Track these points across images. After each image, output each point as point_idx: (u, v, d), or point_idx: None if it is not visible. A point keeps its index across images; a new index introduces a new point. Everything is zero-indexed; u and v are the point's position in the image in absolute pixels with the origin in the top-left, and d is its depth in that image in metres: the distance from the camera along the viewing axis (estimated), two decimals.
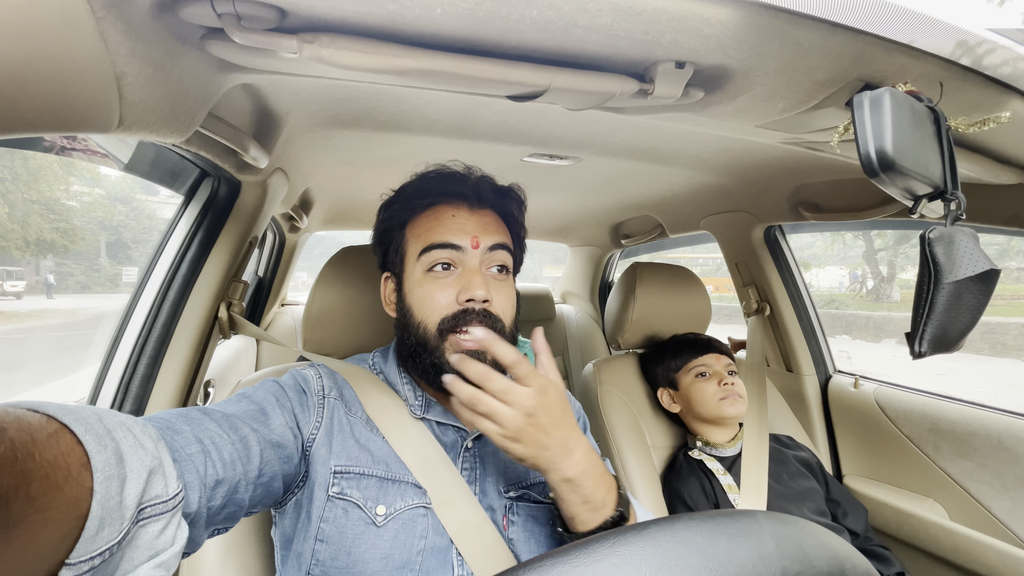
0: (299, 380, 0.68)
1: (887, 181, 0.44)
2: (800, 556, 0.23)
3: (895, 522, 1.25)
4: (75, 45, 0.33)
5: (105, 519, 0.32)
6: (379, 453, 0.64)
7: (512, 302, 0.70)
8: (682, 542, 0.21)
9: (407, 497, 0.62)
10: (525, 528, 0.67)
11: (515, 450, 0.55)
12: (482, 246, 0.67)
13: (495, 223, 0.71)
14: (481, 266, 0.67)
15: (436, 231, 0.68)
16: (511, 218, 0.75)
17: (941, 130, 0.49)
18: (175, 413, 0.50)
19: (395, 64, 0.45)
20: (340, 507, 0.60)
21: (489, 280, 0.67)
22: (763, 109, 0.61)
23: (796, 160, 1.08)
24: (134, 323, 0.89)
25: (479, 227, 0.68)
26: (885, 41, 0.47)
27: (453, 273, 0.67)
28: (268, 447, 0.56)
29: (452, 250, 0.66)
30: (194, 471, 0.45)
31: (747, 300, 1.56)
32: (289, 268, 2.09)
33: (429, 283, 0.67)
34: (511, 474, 0.70)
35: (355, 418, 0.67)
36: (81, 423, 0.33)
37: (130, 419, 0.39)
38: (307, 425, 0.64)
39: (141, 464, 0.36)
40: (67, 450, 0.31)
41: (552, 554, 0.21)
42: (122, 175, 0.90)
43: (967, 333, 0.50)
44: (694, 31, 0.44)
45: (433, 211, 0.70)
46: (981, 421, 1.16)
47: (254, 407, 0.59)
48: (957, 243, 0.46)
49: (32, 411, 0.31)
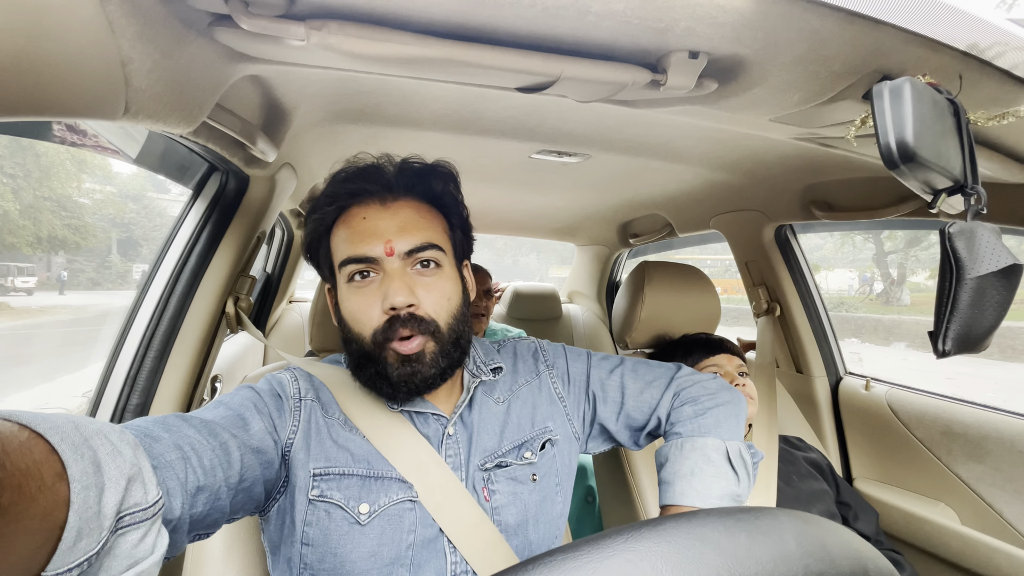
0: (275, 385, 0.67)
1: (907, 173, 0.43)
2: (823, 555, 0.22)
3: (905, 526, 1.23)
4: (81, 28, 0.32)
5: (83, 529, 0.31)
6: (359, 452, 0.63)
7: (447, 295, 0.66)
8: (699, 539, 0.20)
9: (391, 493, 0.61)
10: (509, 491, 0.67)
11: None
12: (397, 251, 0.63)
13: (415, 216, 0.66)
14: (404, 267, 0.64)
15: (349, 240, 0.65)
16: (443, 198, 0.70)
17: (961, 123, 0.48)
18: (153, 420, 0.49)
19: (404, 52, 0.44)
20: (322, 509, 0.60)
21: (414, 280, 0.64)
22: (778, 101, 0.59)
23: (808, 158, 1.06)
24: (141, 317, 0.89)
25: (394, 227, 0.64)
26: (904, 32, 0.46)
27: (375, 280, 0.64)
28: (248, 453, 0.56)
29: (367, 262, 0.63)
30: (175, 477, 0.44)
31: (757, 300, 1.54)
32: (297, 265, 2.10)
33: (354, 295, 0.64)
34: (487, 447, 0.69)
35: (332, 419, 0.66)
36: (56, 432, 0.32)
37: (107, 426, 0.38)
38: (284, 430, 0.63)
39: (120, 472, 0.35)
40: (41, 459, 0.30)
41: (563, 549, 0.20)
42: (133, 173, 0.90)
43: (992, 331, 0.49)
44: (709, 19, 0.43)
45: (345, 216, 0.67)
46: (995, 424, 1.14)
47: (232, 413, 0.59)
48: (979, 238, 0.45)
49: (4, 420, 0.30)
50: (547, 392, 0.77)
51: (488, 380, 0.75)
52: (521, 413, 0.73)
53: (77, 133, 0.82)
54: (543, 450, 0.71)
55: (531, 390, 0.76)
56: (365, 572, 0.58)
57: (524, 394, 0.75)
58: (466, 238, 0.74)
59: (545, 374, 0.78)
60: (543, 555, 0.20)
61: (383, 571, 0.58)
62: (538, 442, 0.72)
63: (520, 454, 0.70)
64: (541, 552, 0.22)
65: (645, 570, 0.18)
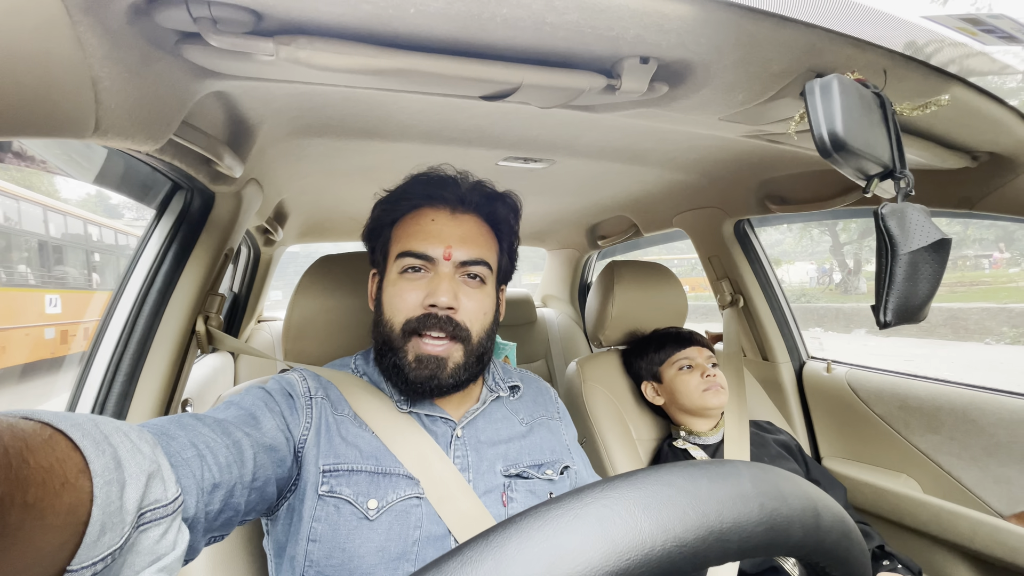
0: (284, 385, 0.69)
1: (840, 161, 0.47)
2: (776, 494, 0.24)
3: (873, 498, 1.30)
4: (52, 49, 0.33)
5: (106, 524, 0.32)
6: (368, 448, 0.65)
7: (484, 310, 0.71)
8: (666, 484, 0.22)
9: (399, 489, 0.63)
10: (524, 503, 0.70)
11: None
12: (454, 258, 0.68)
13: (476, 231, 0.72)
14: (454, 274, 0.69)
15: (414, 236, 0.70)
16: (501, 224, 0.76)
17: (887, 114, 0.52)
18: (168, 419, 0.50)
19: (371, 64, 0.46)
20: (332, 505, 0.61)
21: (460, 286, 0.68)
22: (724, 101, 0.64)
23: (760, 155, 1.13)
24: (108, 339, 0.87)
25: (457, 236, 0.70)
26: (833, 33, 0.50)
27: (425, 277, 0.69)
28: (261, 451, 0.56)
29: (424, 260, 0.69)
30: (191, 475, 0.45)
31: (721, 293, 1.60)
32: (265, 283, 2.06)
33: (401, 283, 0.69)
34: (508, 457, 0.73)
35: (342, 416, 0.68)
36: (78, 429, 0.33)
37: (126, 425, 0.39)
38: (297, 428, 0.64)
39: (140, 469, 0.36)
40: (63, 456, 0.31)
41: (548, 502, 0.22)
42: (82, 199, 0.88)
43: (928, 301, 0.53)
44: (656, 26, 0.47)
45: (415, 214, 0.72)
46: (947, 396, 1.21)
47: (244, 412, 0.59)
48: (908, 217, 0.50)
49: (26, 419, 0.31)
50: (569, 439, 0.83)
51: (504, 396, 0.79)
52: (544, 438, 0.78)
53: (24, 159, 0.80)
54: (562, 474, 0.76)
55: (556, 426, 0.82)
56: (372, 567, 0.59)
57: (549, 425, 0.80)
58: (511, 265, 0.79)
59: (562, 425, 0.84)
60: (530, 508, 0.22)
61: (389, 566, 0.59)
62: (559, 465, 0.76)
63: (542, 470, 0.74)
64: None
65: (620, 512, 0.21)
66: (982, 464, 1.15)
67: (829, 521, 0.26)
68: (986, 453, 1.14)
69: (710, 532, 0.21)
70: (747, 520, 0.22)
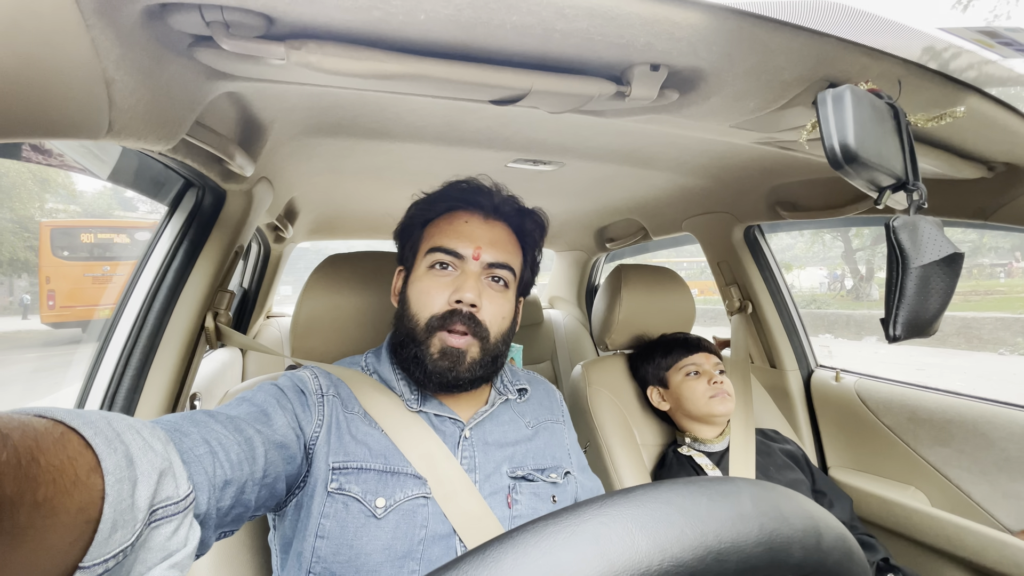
0: (296, 382, 0.69)
1: (851, 173, 0.47)
2: (777, 515, 0.24)
3: (879, 510, 1.28)
4: (66, 51, 0.34)
5: (118, 521, 0.32)
6: (377, 447, 0.66)
7: (503, 314, 0.73)
8: (665, 502, 0.22)
9: (406, 488, 0.64)
10: (529, 505, 0.71)
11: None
12: (482, 259, 0.71)
13: (506, 238, 0.76)
14: (480, 274, 0.72)
15: (447, 234, 0.73)
16: (527, 237, 0.80)
17: (901, 125, 0.52)
18: (181, 416, 0.50)
19: (381, 69, 0.46)
20: (340, 502, 0.61)
21: (484, 287, 0.71)
22: (735, 109, 0.63)
23: (772, 161, 1.12)
24: (119, 335, 0.88)
25: (488, 239, 0.73)
26: (846, 43, 0.50)
27: (452, 274, 0.71)
28: (272, 448, 0.57)
29: (454, 256, 0.71)
30: (203, 472, 0.45)
31: (730, 299, 1.59)
32: (275, 279, 2.08)
33: (429, 279, 0.72)
34: (514, 459, 0.74)
35: (352, 414, 0.68)
36: (90, 427, 0.33)
37: (138, 422, 0.39)
38: (309, 425, 0.65)
39: (151, 466, 0.36)
40: (75, 454, 0.31)
41: (545, 517, 0.22)
42: (98, 192, 0.90)
43: (939, 316, 0.53)
44: (666, 34, 0.47)
45: (450, 215, 0.76)
46: (957, 409, 1.20)
47: (255, 409, 0.60)
48: (921, 230, 0.49)
49: (38, 416, 0.31)
50: (570, 442, 0.84)
51: (512, 399, 0.81)
52: (549, 443, 0.79)
53: (42, 153, 0.82)
54: (565, 478, 0.77)
55: (559, 429, 0.83)
56: (379, 564, 0.60)
57: (552, 429, 0.82)
58: (531, 278, 0.82)
59: (565, 428, 0.85)
60: (527, 523, 0.22)
61: (395, 564, 0.60)
62: (562, 470, 0.77)
63: (547, 473, 0.75)
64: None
65: (617, 530, 0.21)
66: (992, 478, 1.13)
67: (831, 542, 0.26)
68: (996, 467, 1.12)
69: (708, 552, 0.21)
70: (746, 541, 0.22)
